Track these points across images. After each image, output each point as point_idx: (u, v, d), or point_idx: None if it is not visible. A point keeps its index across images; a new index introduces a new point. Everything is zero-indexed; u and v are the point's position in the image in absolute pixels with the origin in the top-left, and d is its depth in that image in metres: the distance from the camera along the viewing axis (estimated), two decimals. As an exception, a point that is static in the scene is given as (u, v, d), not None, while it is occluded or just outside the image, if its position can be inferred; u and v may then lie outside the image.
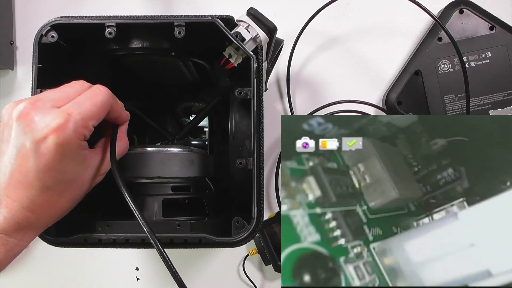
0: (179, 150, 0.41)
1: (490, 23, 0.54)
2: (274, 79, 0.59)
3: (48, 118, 0.31)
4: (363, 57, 0.59)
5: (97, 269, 0.58)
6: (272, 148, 0.58)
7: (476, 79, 0.54)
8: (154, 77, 0.48)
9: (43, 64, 0.37)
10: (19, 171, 0.31)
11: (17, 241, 0.32)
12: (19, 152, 0.31)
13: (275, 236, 0.51)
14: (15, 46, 0.61)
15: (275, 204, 0.56)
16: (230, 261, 0.57)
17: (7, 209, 0.31)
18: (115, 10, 0.61)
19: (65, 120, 0.31)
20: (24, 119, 0.31)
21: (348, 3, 0.59)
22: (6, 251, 0.32)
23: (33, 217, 0.32)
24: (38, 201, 0.32)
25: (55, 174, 0.32)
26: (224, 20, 0.38)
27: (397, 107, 0.54)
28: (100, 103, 0.34)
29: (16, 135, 0.31)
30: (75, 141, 0.32)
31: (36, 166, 0.31)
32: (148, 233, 0.32)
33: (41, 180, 0.31)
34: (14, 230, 0.32)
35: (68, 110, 0.32)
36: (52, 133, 0.31)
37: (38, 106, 0.32)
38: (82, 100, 0.33)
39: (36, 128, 0.31)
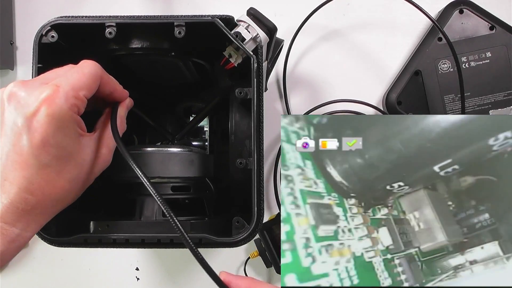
0: (179, 150, 0.41)
1: (490, 23, 0.54)
2: (274, 79, 0.59)
3: (37, 92, 0.31)
4: (363, 57, 0.59)
5: (97, 269, 0.58)
6: (270, 148, 0.58)
7: (476, 79, 0.54)
8: (154, 77, 0.48)
9: (43, 64, 0.37)
10: (14, 151, 0.31)
11: (19, 231, 0.31)
12: (13, 131, 0.31)
13: (276, 238, 0.51)
14: (15, 46, 0.61)
15: (274, 204, 0.56)
16: (231, 264, 0.57)
17: (5, 195, 0.30)
18: (115, 10, 0.61)
19: (54, 90, 0.31)
20: (14, 97, 0.31)
21: (348, 3, 0.59)
22: (7, 242, 0.30)
23: (33, 199, 0.31)
24: (35, 180, 0.31)
25: (49, 149, 0.31)
26: (224, 20, 0.38)
27: (397, 107, 0.54)
28: (88, 73, 0.33)
29: (8, 115, 0.31)
30: (68, 112, 0.31)
31: (30, 142, 0.30)
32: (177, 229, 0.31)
33: (36, 157, 0.31)
34: (14, 217, 0.31)
35: (56, 82, 0.32)
36: (42, 105, 0.30)
37: (27, 84, 0.32)
38: (70, 72, 0.33)
39: (26, 103, 0.30)
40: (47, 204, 0.32)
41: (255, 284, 0.33)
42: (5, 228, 0.30)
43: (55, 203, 0.33)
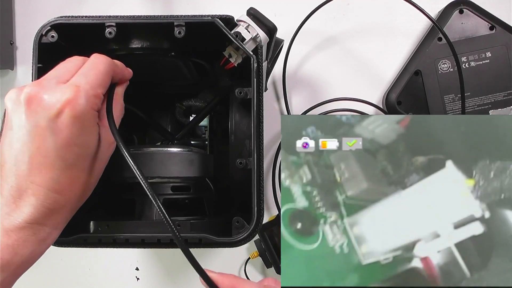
0: (179, 150, 0.41)
1: (490, 23, 0.54)
2: (274, 79, 0.59)
3: (58, 93, 0.31)
4: (363, 57, 0.59)
5: (97, 269, 0.58)
6: (268, 148, 0.58)
7: (476, 79, 0.54)
8: (154, 77, 0.48)
9: (43, 64, 0.37)
10: (38, 153, 0.31)
11: (49, 229, 0.32)
12: (35, 134, 0.30)
13: (276, 239, 0.51)
14: (15, 46, 0.61)
15: (273, 204, 0.56)
16: (231, 264, 0.57)
17: (34, 197, 0.31)
18: (115, 10, 0.61)
19: (75, 91, 0.31)
20: (33, 100, 0.31)
21: (348, 3, 0.59)
22: (38, 242, 0.31)
23: (62, 198, 0.32)
24: (63, 180, 0.31)
25: (74, 149, 0.31)
26: (224, 20, 0.38)
27: (397, 107, 0.54)
28: (104, 70, 0.34)
29: (27, 118, 0.31)
30: (90, 111, 0.32)
31: (55, 144, 0.30)
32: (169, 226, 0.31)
33: (62, 158, 0.31)
34: (45, 217, 0.31)
35: (76, 82, 0.32)
36: (66, 107, 0.30)
37: (44, 85, 0.31)
38: (86, 70, 0.33)
39: (48, 105, 0.30)
40: (75, 201, 0.33)
41: (238, 282, 0.33)
42: (37, 228, 0.31)
43: (82, 198, 0.34)
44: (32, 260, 0.32)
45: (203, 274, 0.31)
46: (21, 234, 0.30)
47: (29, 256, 0.31)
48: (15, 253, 0.30)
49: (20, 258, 0.30)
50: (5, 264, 0.30)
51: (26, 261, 0.31)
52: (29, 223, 0.31)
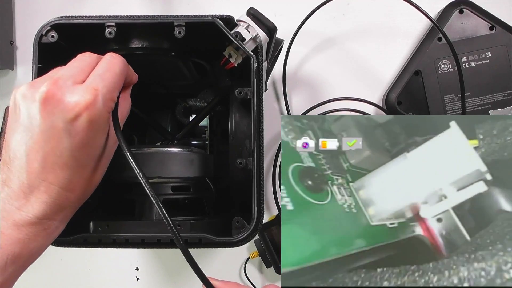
0: (179, 150, 0.41)
1: (490, 23, 0.54)
2: (274, 79, 0.59)
3: (76, 96, 0.31)
4: (363, 57, 0.59)
5: (97, 269, 0.58)
6: (268, 148, 0.58)
7: (476, 79, 0.54)
8: (154, 77, 0.48)
9: (43, 64, 0.37)
10: (53, 153, 0.31)
11: (58, 223, 0.33)
12: (50, 134, 0.31)
13: (275, 239, 0.51)
14: (15, 46, 0.61)
15: (273, 204, 0.56)
16: (231, 264, 0.57)
17: (47, 194, 0.31)
18: (115, 10, 0.61)
19: (94, 95, 0.31)
20: (51, 101, 0.30)
21: (348, 3, 0.59)
22: (47, 235, 0.32)
23: (73, 196, 0.33)
24: (75, 179, 0.32)
25: (88, 150, 0.32)
26: (224, 20, 0.38)
27: (397, 107, 0.54)
28: (120, 72, 0.34)
29: (42, 118, 0.30)
30: (105, 115, 0.32)
31: (71, 145, 0.31)
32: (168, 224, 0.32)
33: (76, 158, 0.31)
34: (56, 213, 0.32)
35: (94, 85, 0.32)
36: (84, 111, 0.30)
37: (60, 85, 0.31)
38: (102, 71, 0.33)
39: (66, 108, 0.30)
40: (84, 198, 0.34)
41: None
42: (47, 223, 0.32)
43: (89, 194, 0.35)
44: (40, 252, 0.33)
45: (207, 282, 0.32)
46: (32, 229, 0.31)
47: (38, 249, 0.32)
48: (25, 247, 0.31)
49: (30, 251, 0.31)
50: (15, 257, 0.30)
51: (35, 254, 0.32)
52: (40, 218, 0.31)
